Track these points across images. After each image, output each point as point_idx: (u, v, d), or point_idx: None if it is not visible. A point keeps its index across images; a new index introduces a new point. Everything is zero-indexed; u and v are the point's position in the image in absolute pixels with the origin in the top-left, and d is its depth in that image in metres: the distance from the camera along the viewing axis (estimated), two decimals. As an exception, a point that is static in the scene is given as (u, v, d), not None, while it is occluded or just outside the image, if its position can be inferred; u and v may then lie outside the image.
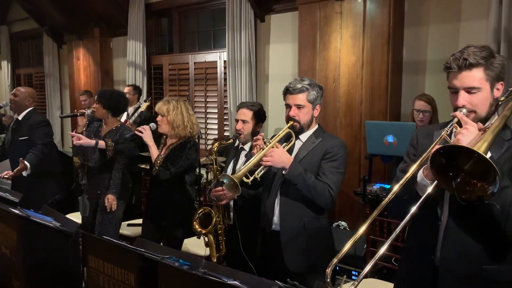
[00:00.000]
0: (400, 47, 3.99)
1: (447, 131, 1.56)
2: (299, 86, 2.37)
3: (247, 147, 2.98)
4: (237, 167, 2.96)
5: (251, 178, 2.29)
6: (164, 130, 3.16)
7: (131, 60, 6.24)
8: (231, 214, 2.94)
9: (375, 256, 1.42)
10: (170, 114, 3.10)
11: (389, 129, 3.26)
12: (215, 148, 2.89)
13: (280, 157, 2.26)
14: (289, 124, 2.39)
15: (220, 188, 2.75)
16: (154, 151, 3.10)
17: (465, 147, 1.34)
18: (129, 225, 4.08)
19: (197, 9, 5.95)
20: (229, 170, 3.00)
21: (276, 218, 2.42)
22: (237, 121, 3.01)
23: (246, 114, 2.97)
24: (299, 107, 2.38)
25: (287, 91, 2.42)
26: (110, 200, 3.35)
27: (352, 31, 4.01)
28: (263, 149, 2.29)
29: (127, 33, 6.24)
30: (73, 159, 4.77)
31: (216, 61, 5.52)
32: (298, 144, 2.44)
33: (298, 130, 2.41)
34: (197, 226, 2.87)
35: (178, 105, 3.15)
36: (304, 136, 2.44)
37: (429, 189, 1.47)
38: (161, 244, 3.16)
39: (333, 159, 2.34)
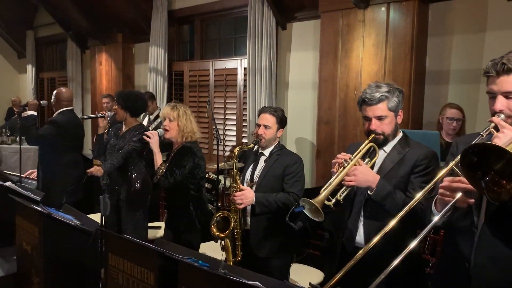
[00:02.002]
0: (424, 57, 3.95)
1: (482, 136, 1.53)
2: (377, 95, 2.09)
3: (266, 152, 2.94)
4: (256, 172, 2.94)
5: (333, 200, 2.04)
6: (172, 135, 3.14)
7: (152, 66, 6.31)
8: (248, 218, 2.91)
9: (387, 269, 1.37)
10: (181, 120, 3.11)
11: (411, 138, 3.20)
12: (236, 153, 2.83)
13: (365, 176, 2.01)
14: (371, 137, 2.12)
15: (240, 193, 2.72)
16: (158, 158, 3.10)
17: (497, 146, 1.32)
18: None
19: (219, 17, 6.01)
20: (248, 176, 2.96)
21: (359, 238, 2.16)
22: (258, 125, 2.93)
23: (269, 120, 2.90)
24: (380, 118, 2.11)
25: (364, 102, 2.14)
26: (96, 169, 3.40)
27: (374, 39, 3.98)
28: (344, 168, 2.04)
29: (149, 39, 6.33)
30: (93, 161, 4.81)
31: (237, 68, 5.55)
32: (382, 155, 2.17)
33: (381, 143, 2.15)
34: (214, 230, 2.84)
35: (186, 110, 3.17)
36: (388, 147, 2.18)
37: (436, 218, 1.50)
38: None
39: (424, 173, 2.06)
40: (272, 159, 2.89)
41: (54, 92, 4.32)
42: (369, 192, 2.05)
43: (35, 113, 4.24)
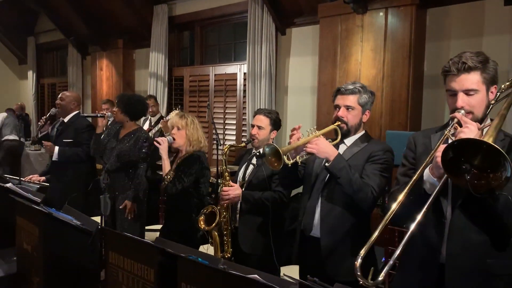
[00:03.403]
0: (422, 61, 3.98)
1: (450, 131, 1.61)
2: (350, 87, 2.29)
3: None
4: (248, 171, 2.99)
5: (292, 161, 2.21)
6: (179, 144, 3.18)
7: (153, 71, 6.35)
8: (237, 216, 2.95)
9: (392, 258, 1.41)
10: (189, 128, 3.15)
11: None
12: (226, 150, 2.93)
13: (326, 147, 2.17)
14: (336, 123, 2.30)
15: (226, 188, 2.82)
16: (167, 165, 3.12)
17: (476, 139, 1.39)
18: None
19: (219, 23, 6.05)
20: (240, 174, 3.04)
21: (316, 222, 2.31)
22: (252, 126, 3.04)
23: (263, 121, 2.99)
24: (348, 108, 2.28)
25: (338, 92, 2.33)
26: (129, 207, 3.39)
27: (373, 44, 4.01)
28: (308, 136, 2.22)
29: (149, 45, 6.37)
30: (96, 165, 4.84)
31: (236, 73, 5.58)
32: (342, 148, 2.32)
33: (344, 132, 2.31)
34: (201, 223, 2.89)
35: (194, 120, 3.21)
36: (349, 141, 2.33)
37: (438, 187, 1.52)
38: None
39: (377, 162, 2.23)
40: None
41: (63, 95, 4.23)
42: (326, 164, 2.18)
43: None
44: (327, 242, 2.26)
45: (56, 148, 4.00)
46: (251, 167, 3.01)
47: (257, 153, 3.01)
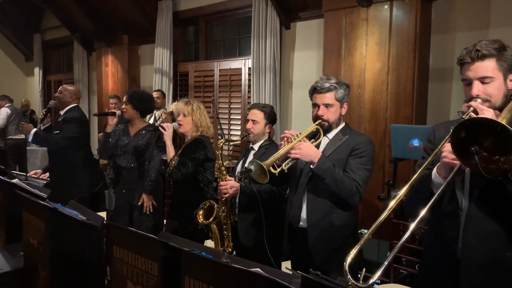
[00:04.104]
0: (427, 54, 3.95)
1: (465, 118, 1.54)
2: (326, 85, 2.33)
3: (256, 147, 3.04)
4: (245, 165, 3.00)
5: (279, 169, 2.27)
6: (186, 129, 3.20)
7: (158, 67, 6.36)
8: (236, 210, 2.98)
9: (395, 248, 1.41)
10: (195, 114, 3.18)
11: (414, 133, 3.21)
12: (221, 144, 2.96)
13: (309, 150, 2.24)
14: (317, 122, 2.36)
15: (224, 182, 2.85)
16: (171, 151, 3.17)
17: (488, 119, 1.35)
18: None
19: (223, 18, 6.04)
20: (238, 169, 3.06)
21: (303, 215, 2.39)
22: (247, 121, 3.07)
23: (257, 115, 3.00)
24: (327, 106, 2.35)
25: (314, 91, 2.39)
26: (146, 200, 3.38)
27: (378, 37, 3.99)
28: (291, 142, 2.27)
29: (154, 40, 6.38)
30: (99, 161, 4.86)
31: (241, 68, 5.58)
32: (324, 141, 2.40)
33: (326, 129, 2.38)
34: (200, 217, 2.91)
35: (200, 106, 3.25)
36: (331, 134, 2.41)
37: (442, 187, 1.48)
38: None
39: (360, 156, 2.30)
40: (260, 152, 2.98)
41: (62, 88, 4.28)
42: (311, 166, 2.25)
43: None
44: (314, 233, 2.34)
45: (33, 130, 4.05)
46: (248, 161, 3.01)
47: (252, 147, 3.05)
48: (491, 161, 1.37)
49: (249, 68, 5.40)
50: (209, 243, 3.56)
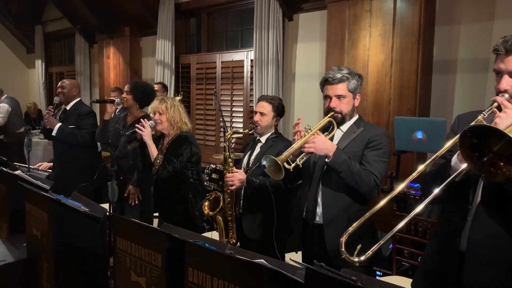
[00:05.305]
0: (431, 46, 3.92)
1: (484, 115, 1.52)
2: (338, 76, 2.27)
3: (263, 139, 3.03)
4: (252, 158, 3.00)
5: (293, 164, 2.20)
6: (163, 127, 3.21)
7: (159, 59, 6.34)
8: (241, 202, 2.98)
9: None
10: (169, 112, 3.18)
11: (418, 125, 3.19)
12: (228, 136, 2.96)
13: (323, 144, 2.18)
14: (330, 114, 2.29)
15: (230, 174, 2.84)
16: (153, 150, 3.16)
17: (493, 128, 1.32)
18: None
19: (225, 9, 6.01)
20: (245, 161, 3.06)
21: (319, 210, 2.31)
22: (255, 113, 3.05)
23: (265, 107, 2.99)
24: (339, 97, 2.28)
25: (326, 82, 2.31)
26: (133, 192, 3.41)
27: (381, 29, 3.96)
28: (304, 136, 2.21)
29: (156, 32, 6.35)
30: (101, 153, 4.86)
31: (243, 60, 5.55)
32: (338, 134, 2.34)
33: (339, 121, 2.32)
34: (206, 208, 2.93)
35: (174, 102, 3.24)
36: (344, 127, 2.35)
37: (461, 169, 1.46)
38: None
39: (377, 148, 2.23)
40: (267, 145, 2.99)
41: (64, 83, 4.30)
42: (326, 160, 2.19)
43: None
44: (331, 230, 2.26)
45: (58, 124, 4.08)
46: (255, 153, 3.03)
47: (259, 139, 3.04)
48: (496, 165, 1.35)
49: (251, 60, 5.38)
50: (214, 235, 3.58)
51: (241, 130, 4.20)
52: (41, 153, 7.02)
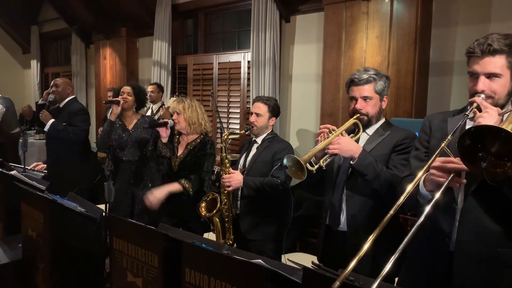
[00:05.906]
0: (427, 48, 3.93)
1: (468, 115, 1.53)
2: (365, 76, 2.18)
3: (259, 140, 3.04)
4: (248, 158, 3.00)
5: (316, 166, 2.10)
6: (181, 127, 3.22)
7: (156, 59, 6.33)
8: (238, 203, 2.97)
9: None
10: (186, 112, 3.18)
11: (414, 127, 3.17)
12: (225, 137, 2.95)
13: (349, 145, 2.07)
14: (355, 116, 2.20)
15: (228, 175, 2.83)
16: (173, 189, 3.13)
17: (494, 126, 1.32)
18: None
19: (222, 10, 6.01)
20: (241, 162, 3.05)
21: (343, 217, 2.20)
22: (251, 113, 3.05)
23: (261, 108, 3.00)
24: (365, 99, 2.19)
25: (352, 83, 2.22)
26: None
27: (378, 31, 3.97)
28: (329, 137, 2.11)
29: (153, 33, 6.34)
30: (97, 154, 4.84)
31: (240, 61, 5.55)
32: (363, 137, 2.24)
33: (365, 123, 2.22)
34: (203, 209, 2.92)
35: (192, 103, 3.24)
36: (370, 130, 2.25)
37: (432, 202, 1.36)
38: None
39: (405, 151, 2.11)
40: (263, 146, 2.99)
41: (57, 82, 4.32)
42: (351, 162, 2.09)
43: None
44: (356, 238, 2.11)
45: (51, 120, 4.08)
46: (251, 154, 3.03)
47: (255, 140, 3.04)
48: (497, 165, 1.34)
49: (248, 61, 5.37)
50: (210, 236, 3.57)
51: (237, 131, 4.19)
52: (36, 154, 6.98)
